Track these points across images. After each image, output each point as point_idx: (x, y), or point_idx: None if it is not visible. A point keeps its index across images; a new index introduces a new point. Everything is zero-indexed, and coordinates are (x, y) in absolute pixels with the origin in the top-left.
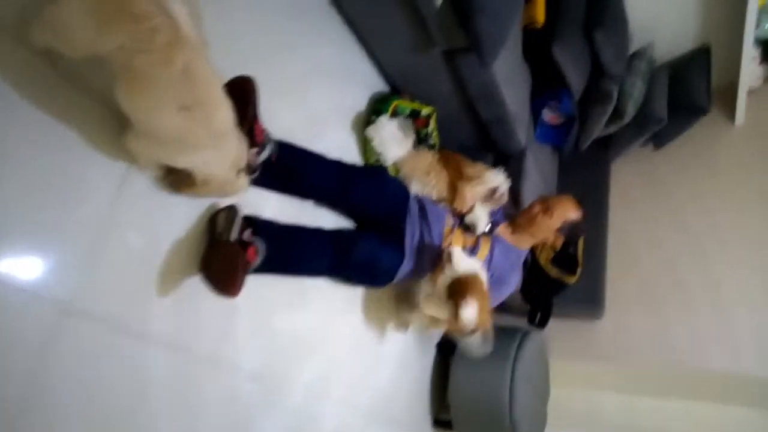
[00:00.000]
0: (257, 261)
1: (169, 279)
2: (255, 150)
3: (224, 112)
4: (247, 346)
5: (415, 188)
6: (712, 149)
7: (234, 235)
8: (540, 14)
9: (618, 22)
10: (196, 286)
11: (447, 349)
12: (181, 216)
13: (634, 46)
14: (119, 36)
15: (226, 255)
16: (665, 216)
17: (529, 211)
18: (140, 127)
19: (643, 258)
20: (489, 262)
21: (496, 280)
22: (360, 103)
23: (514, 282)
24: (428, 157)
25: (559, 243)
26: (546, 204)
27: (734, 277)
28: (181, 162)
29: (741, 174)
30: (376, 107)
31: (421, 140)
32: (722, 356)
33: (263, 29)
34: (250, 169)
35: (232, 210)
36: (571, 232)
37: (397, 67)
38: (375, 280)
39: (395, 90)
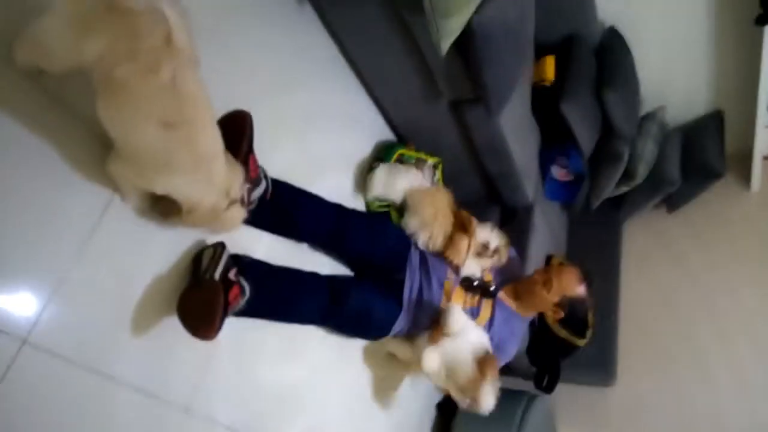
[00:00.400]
0: (241, 303)
1: (144, 318)
2: (248, 186)
3: (211, 134)
4: (225, 396)
5: (413, 225)
6: (728, 214)
7: (218, 273)
8: (550, 72)
9: (629, 83)
10: (174, 327)
11: (448, 410)
12: (164, 252)
13: (645, 109)
14: (103, 38)
15: (206, 294)
16: (679, 279)
17: (529, 280)
18: (120, 146)
19: (657, 322)
20: (489, 327)
21: (494, 347)
22: (363, 149)
23: (512, 350)
24: (444, 197)
25: (558, 317)
26: (547, 276)
27: (753, 343)
28: (161, 186)
29: (757, 239)
30: (380, 155)
31: None
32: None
33: (268, 67)
34: (244, 203)
35: (218, 248)
36: (574, 307)
37: (403, 115)
38: (368, 333)
39: (401, 139)
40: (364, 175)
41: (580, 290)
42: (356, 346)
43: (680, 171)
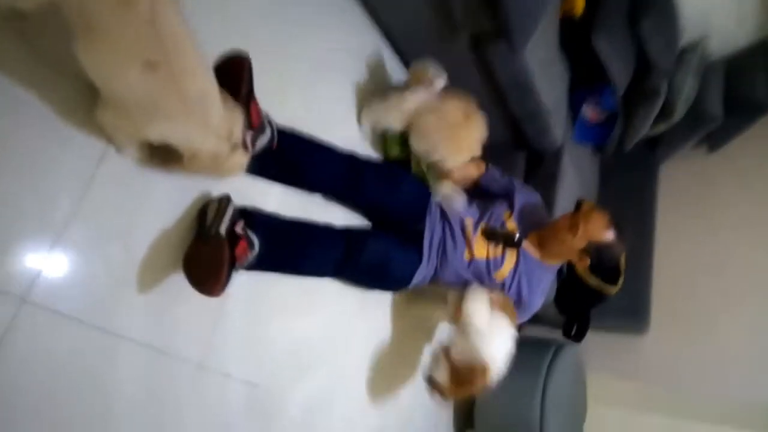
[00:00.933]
0: (249, 257)
1: (149, 273)
2: (251, 133)
3: (200, 73)
4: (239, 351)
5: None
6: None
7: (223, 227)
8: (579, 2)
9: (666, 11)
10: (182, 282)
11: None
12: (167, 205)
13: (685, 40)
14: None
15: (211, 249)
16: (720, 224)
17: (554, 224)
18: (105, 93)
19: (693, 269)
20: (512, 278)
21: (518, 300)
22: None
23: (537, 303)
24: (456, 108)
25: (585, 264)
26: (573, 220)
27: None
28: (155, 133)
29: None
30: None
31: None
32: None
33: (269, 12)
34: (247, 148)
35: (223, 200)
36: (604, 253)
37: (420, 56)
38: (387, 284)
39: None
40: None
41: (608, 235)
42: (378, 297)
43: (723, 106)
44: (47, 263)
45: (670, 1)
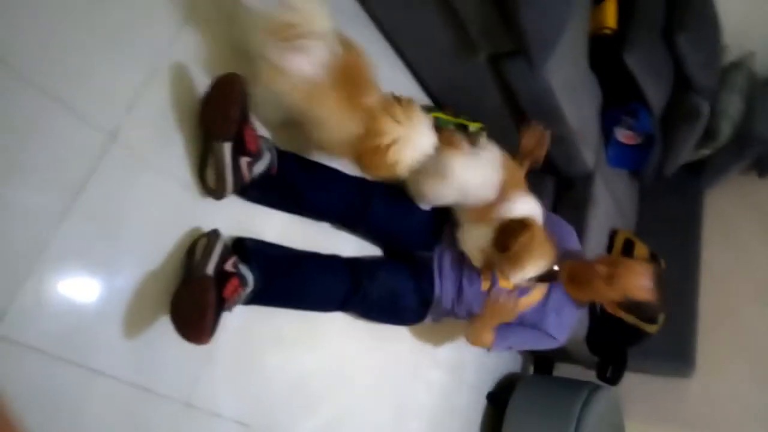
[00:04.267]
0: (242, 295)
1: (134, 310)
2: (248, 160)
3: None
4: (231, 389)
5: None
6: None
7: (211, 267)
8: (611, 18)
9: (706, 24)
10: (167, 319)
11: (499, 401)
12: (157, 239)
13: (729, 57)
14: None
15: (195, 293)
16: None
17: (589, 268)
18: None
19: (743, 305)
20: (540, 311)
21: (544, 333)
22: None
23: (562, 338)
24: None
25: (617, 313)
26: (612, 270)
27: None
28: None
29: None
30: None
31: None
32: None
33: None
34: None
35: (211, 236)
36: (639, 308)
37: (437, 77)
38: (400, 319)
39: (437, 104)
40: None
41: (649, 294)
42: (387, 330)
43: None
44: (19, 295)
45: (709, 14)
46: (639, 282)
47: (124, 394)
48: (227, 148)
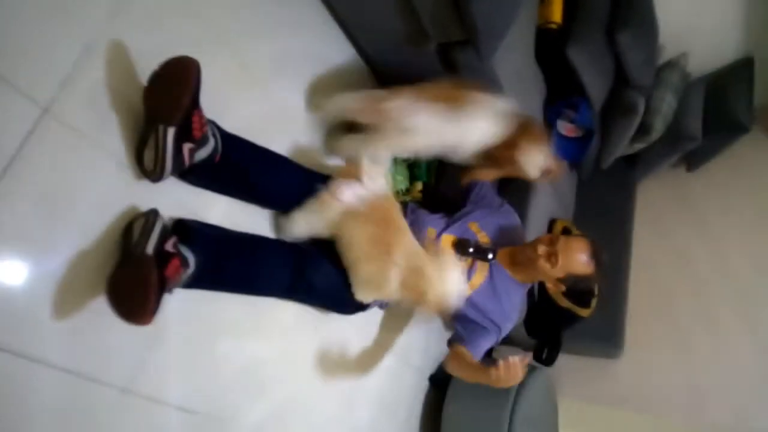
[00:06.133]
0: (183, 277)
1: (69, 295)
2: (190, 146)
3: None
4: (176, 374)
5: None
6: (754, 172)
7: (151, 246)
8: (557, 13)
9: (646, 25)
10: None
11: (441, 383)
12: (92, 219)
13: (665, 57)
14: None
15: (136, 273)
16: (698, 245)
17: (531, 249)
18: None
19: (670, 291)
20: (484, 291)
21: (487, 317)
22: None
23: (512, 318)
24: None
25: (558, 289)
26: (552, 249)
27: None
28: None
29: None
30: None
31: None
32: (760, 412)
33: (228, 6)
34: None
35: (150, 216)
36: (579, 279)
37: (388, 64)
38: (342, 308)
39: (383, 82)
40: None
41: (588, 267)
42: (334, 315)
43: (702, 125)
44: None
45: (649, 15)
46: (578, 256)
47: (61, 382)
48: (171, 132)
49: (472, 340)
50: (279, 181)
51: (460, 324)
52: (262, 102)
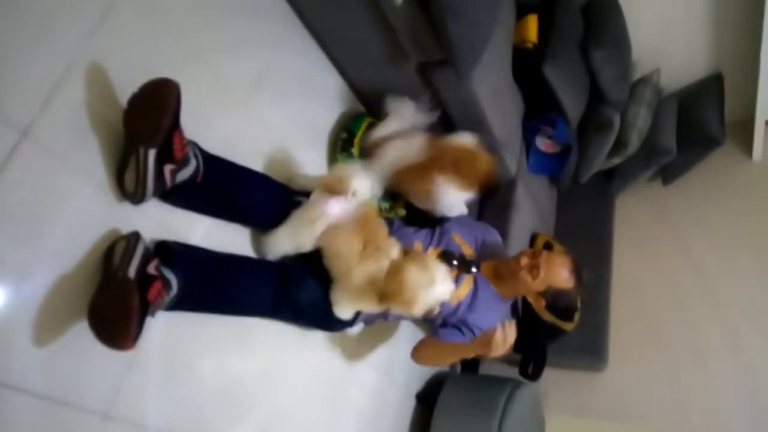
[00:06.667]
0: (165, 300)
1: (48, 320)
2: (171, 167)
3: None
4: (156, 397)
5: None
6: (728, 185)
7: (132, 269)
8: (532, 32)
9: (619, 42)
10: (85, 326)
11: (428, 400)
12: (72, 242)
13: (638, 73)
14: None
15: (118, 296)
16: (676, 256)
17: (514, 261)
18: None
19: (651, 303)
20: (468, 305)
21: (474, 329)
22: (326, 118)
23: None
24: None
25: (540, 305)
26: (534, 262)
27: (755, 326)
28: None
29: (759, 212)
30: (347, 126)
31: None
32: (741, 424)
33: (207, 25)
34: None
35: (131, 238)
36: (560, 293)
37: (366, 80)
38: (328, 325)
39: (368, 106)
40: (333, 149)
41: (569, 282)
42: (318, 333)
43: (676, 140)
44: None
45: (622, 32)
46: (559, 270)
47: (40, 409)
48: (152, 154)
49: (444, 335)
50: (260, 199)
51: (438, 327)
52: (243, 120)
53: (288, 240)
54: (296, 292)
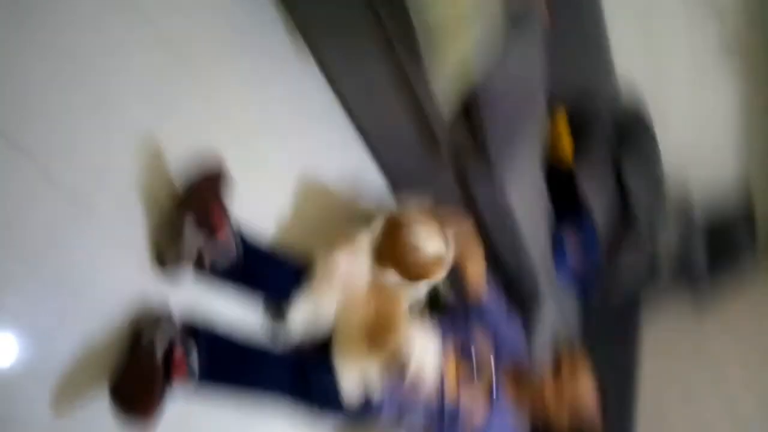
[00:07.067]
0: (186, 387)
1: (66, 389)
2: (214, 250)
3: None
4: None
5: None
6: (763, 305)
7: (159, 353)
8: (566, 152)
9: (652, 164)
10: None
11: None
12: (100, 313)
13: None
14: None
15: (142, 379)
16: (708, 384)
17: (537, 383)
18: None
19: (677, 424)
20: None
21: None
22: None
23: None
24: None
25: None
26: (559, 384)
27: None
28: None
29: None
30: None
31: None
32: None
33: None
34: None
35: (163, 320)
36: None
37: (397, 167)
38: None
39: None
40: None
41: (590, 405)
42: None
43: (707, 261)
44: None
45: (655, 153)
46: (585, 398)
47: None
48: (197, 237)
49: None
50: (282, 283)
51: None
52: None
53: (308, 310)
54: (310, 382)
